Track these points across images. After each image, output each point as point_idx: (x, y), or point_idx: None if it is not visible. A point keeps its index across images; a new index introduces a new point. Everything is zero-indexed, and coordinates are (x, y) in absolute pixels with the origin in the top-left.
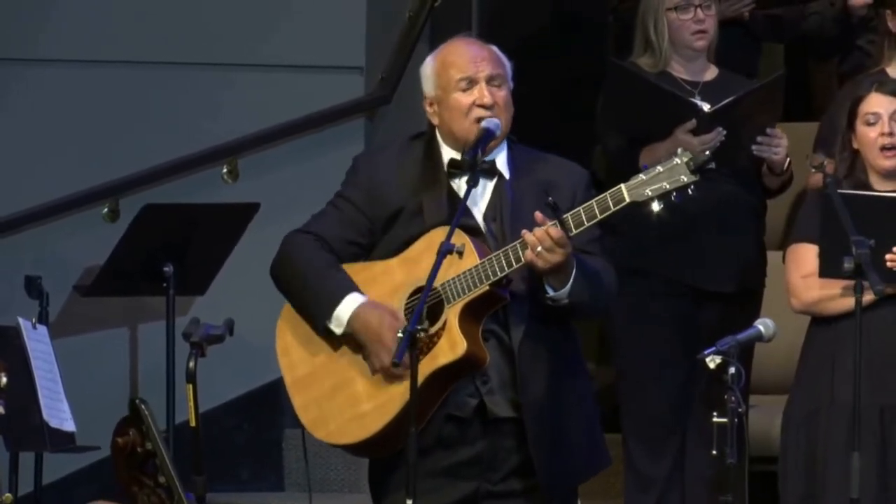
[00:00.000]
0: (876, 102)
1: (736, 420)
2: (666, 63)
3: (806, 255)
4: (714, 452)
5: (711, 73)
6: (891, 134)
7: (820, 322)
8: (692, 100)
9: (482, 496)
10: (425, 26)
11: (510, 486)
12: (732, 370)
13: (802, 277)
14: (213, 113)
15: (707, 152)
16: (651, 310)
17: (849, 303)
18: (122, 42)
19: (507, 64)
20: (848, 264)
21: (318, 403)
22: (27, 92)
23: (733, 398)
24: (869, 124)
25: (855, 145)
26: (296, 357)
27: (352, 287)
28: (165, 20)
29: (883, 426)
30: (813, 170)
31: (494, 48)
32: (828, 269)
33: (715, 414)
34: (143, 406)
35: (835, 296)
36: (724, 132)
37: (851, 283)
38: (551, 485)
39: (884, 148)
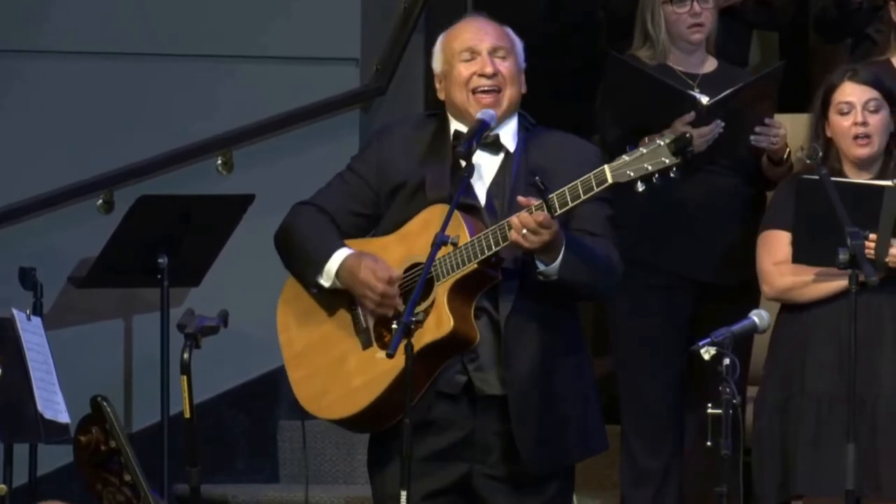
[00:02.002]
0: (849, 91)
1: (731, 411)
2: (664, 55)
3: (778, 242)
4: (709, 444)
5: (710, 65)
6: (864, 123)
7: (791, 309)
8: (691, 92)
9: (475, 478)
10: (420, 17)
11: (503, 469)
12: (727, 361)
13: (775, 264)
14: (207, 104)
15: (688, 134)
16: (649, 302)
17: (821, 290)
18: (116, 34)
19: (516, 41)
20: (843, 255)
21: (312, 379)
22: (21, 84)
23: (728, 389)
24: (842, 114)
25: (828, 133)
26: (294, 334)
27: (341, 245)
28: (159, 12)
29: (854, 418)
30: (808, 161)
31: (505, 26)
32: (801, 255)
33: (710, 405)
34: (105, 403)
35: (807, 283)
36: (723, 124)
37: (824, 270)
38: (536, 462)
39: (857, 137)
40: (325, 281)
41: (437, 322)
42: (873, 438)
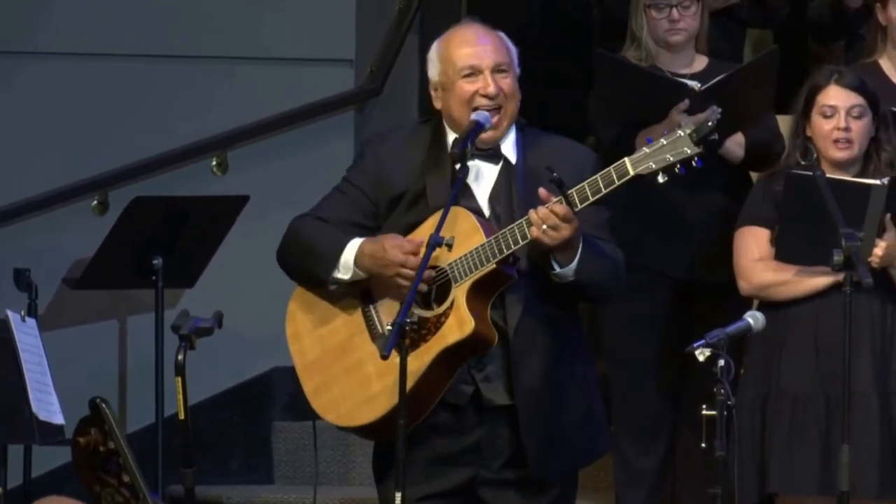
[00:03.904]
0: (834, 95)
1: (725, 413)
2: (653, 56)
3: (756, 239)
4: (703, 445)
5: (700, 63)
6: (847, 129)
7: (768, 306)
8: (681, 80)
9: (480, 483)
10: (415, 19)
11: (508, 475)
12: (721, 363)
13: (754, 261)
14: (202, 106)
15: (710, 122)
16: (642, 303)
17: (800, 288)
18: (111, 36)
19: (513, 50)
20: (838, 257)
21: (328, 387)
22: (16, 84)
23: (722, 391)
24: (826, 116)
25: (808, 133)
26: (306, 343)
27: (351, 236)
28: (154, 14)
29: (828, 416)
30: (802, 162)
31: (501, 34)
32: (786, 253)
33: (704, 407)
34: (104, 405)
35: (786, 281)
36: (720, 110)
37: (804, 269)
38: (543, 473)
39: (837, 140)
40: (344, 273)
41: (459, 323)
42: (847, 437)
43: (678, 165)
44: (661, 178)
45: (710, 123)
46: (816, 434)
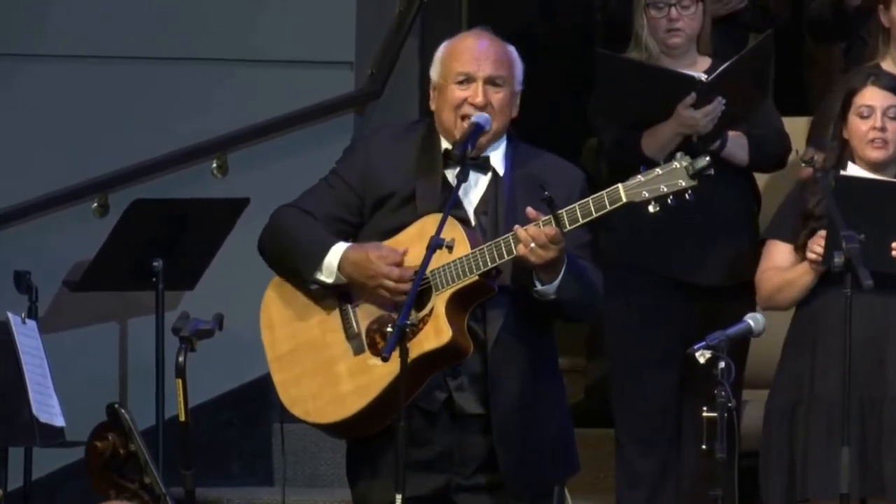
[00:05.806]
0: (870, 96)
1: (725, 415)
2: (655, 57)
3: (772, 252)
4: (704, 447)
5: (703, 63)
6: (882, 129)
7: (801, 311)
8: (687, 72)
9: (454, 489)
10: (415, 21)
11: (482, 480)
12: (722, 365)
13: (763, 272)
14: (202, 108)
15: (707, 158)
16: (643, 305)
17: (795, 291)
18: (111, 38)
19: (517, 65)
20: (838, 259)
21: (298, 381)
22: (16, 87)
23: (723, 393)
24: (862, 117)
25: (845, 135)
26: (279, 334)
27: (336, 239)
28: (154, 16)
29: (863, 419)
30: (803, 164)
31: (508, 48)
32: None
33: (705, 409)
34: (122, 410)
35: (780, 286)
36: (724, 101)
37: (793, 273)
38: (516, 485)
39: (873, 140)
40: (327, 277)
41: (436, 331)
42: (879, 440)
43: (671, 196)
44: (651, 208)
45: (707, 159)
46: (853, 438)
